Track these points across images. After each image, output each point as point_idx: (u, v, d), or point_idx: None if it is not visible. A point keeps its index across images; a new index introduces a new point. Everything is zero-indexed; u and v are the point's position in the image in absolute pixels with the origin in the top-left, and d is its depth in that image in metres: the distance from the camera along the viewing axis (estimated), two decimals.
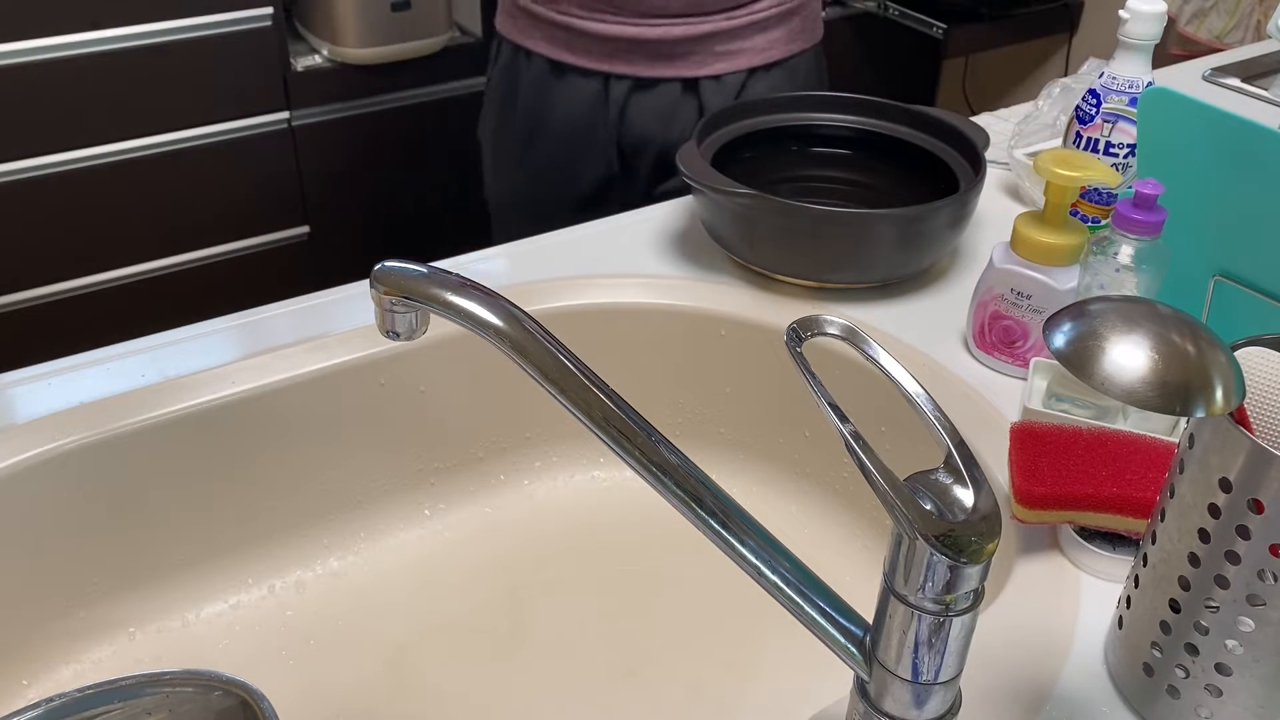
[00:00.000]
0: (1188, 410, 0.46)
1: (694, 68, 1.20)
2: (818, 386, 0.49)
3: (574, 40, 1.20)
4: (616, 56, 1.19)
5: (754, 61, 1.22)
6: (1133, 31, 0.94)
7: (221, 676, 0.60)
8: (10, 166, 1.71)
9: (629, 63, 1.19)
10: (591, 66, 1.21)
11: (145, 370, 0.79)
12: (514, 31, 1.25)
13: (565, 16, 1.19)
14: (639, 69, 1.20)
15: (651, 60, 1.19)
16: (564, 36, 1.20)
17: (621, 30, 1.18)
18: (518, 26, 1.24)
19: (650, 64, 1.19)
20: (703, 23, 1.18)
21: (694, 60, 1.19)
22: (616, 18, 1.17)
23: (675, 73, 1.19)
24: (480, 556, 0.87)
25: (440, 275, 0.52)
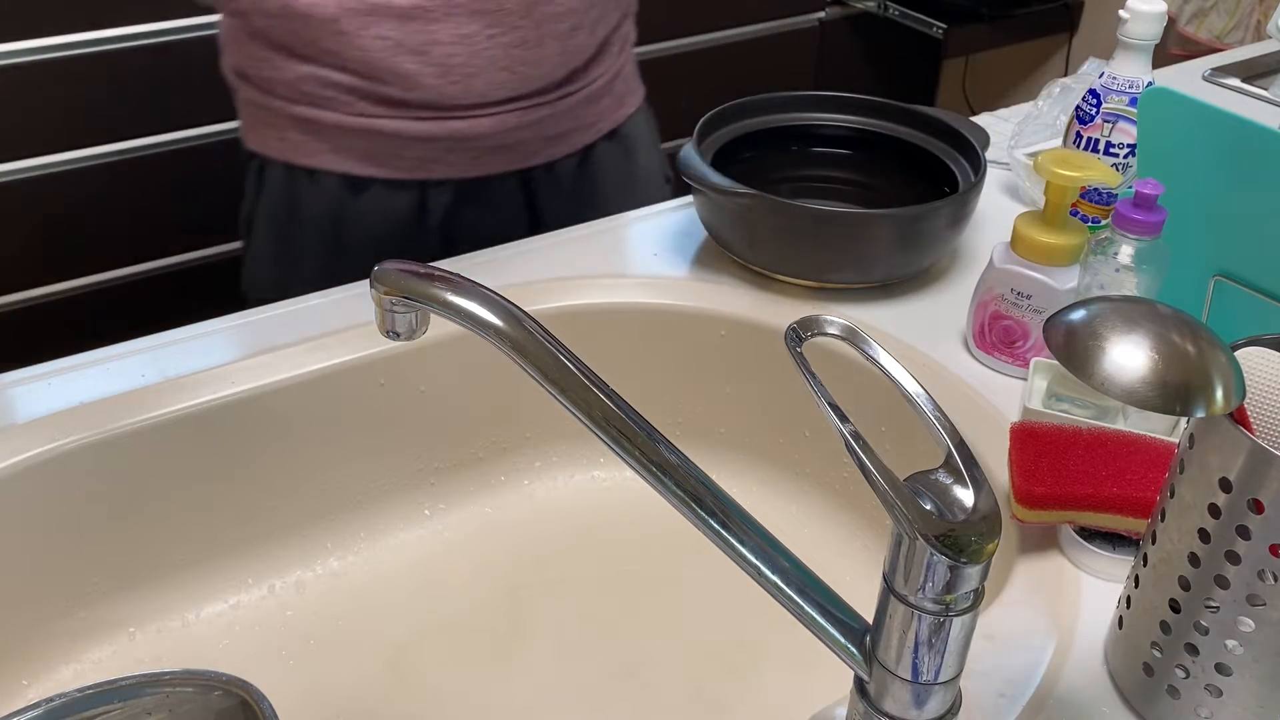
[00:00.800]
0: (1188, 410, 0.46)
1: (524, 159, 1.02)
2: (818, 386, 0.49)
3: (378, 148, 0.98)
4: (435, 160, 0.99)
5: (588, 138, 1.06)
6: (1133, 31, 0.94)
7: (221, 676, 0.60)
8: (10, 166, 1.71)
9: (450, 165, 1.00)
10: (403, 177, 1.00)
11: (145, 370, 0.79)
12: (284, 149, 1.00)
13: (364, 119, 0.96)
14: (463, 170, 1.00)
15: (477, 158, 1.00)
16: (363, 146, 0.98)
17: (441, 128, 0.97)
18: (290, 143, 0.99)
19: (475, 162, 1.00)
20: (536, 106, 1.00)
21: (524, 150, 1.02)
22: (434, 113, 0.96)
23: (504, 167, 1.02)
24: (480, 556, 0.87)
25: (440, 275, 0.52)
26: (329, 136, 0.98)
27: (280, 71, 0.96)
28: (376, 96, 0.95)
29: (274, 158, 1.01)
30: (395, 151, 0.98)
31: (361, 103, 0.96)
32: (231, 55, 1.01)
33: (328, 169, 0.99)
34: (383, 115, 0.96)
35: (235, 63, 1.01)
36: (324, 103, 0.96)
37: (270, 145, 1.01)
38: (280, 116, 0.99)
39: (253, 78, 0.99)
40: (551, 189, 1.06)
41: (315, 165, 0.99)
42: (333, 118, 0.97)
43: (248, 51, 0.98)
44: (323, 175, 1.00)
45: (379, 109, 0.96)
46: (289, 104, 0.98)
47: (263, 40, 0.96)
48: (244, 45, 0.98)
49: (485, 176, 1.01)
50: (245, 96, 1.02)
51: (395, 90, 0.95)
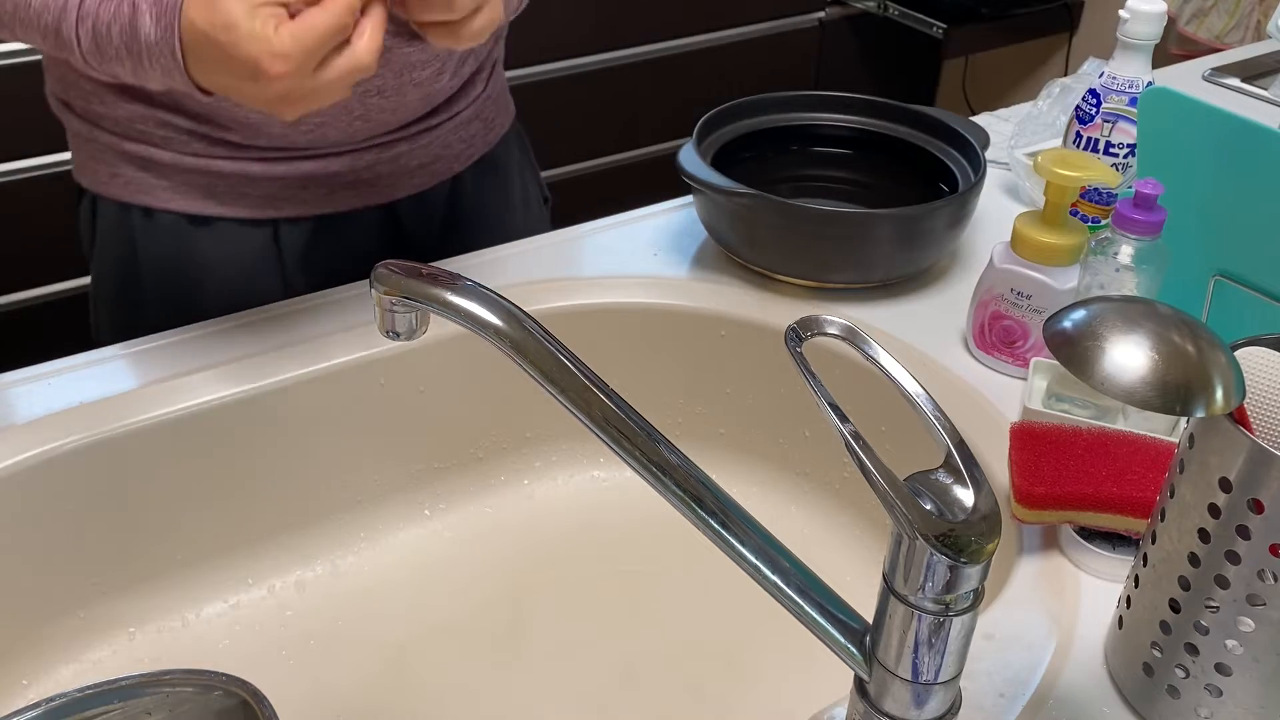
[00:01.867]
0: (1188, 410, 0.46)
1: (386, 193, 0.95)
2: (818, 386, 0.49)
3: (220, 187, 0.89)
4: (285, 198, 0.91)
5: (457, 167, 0.99)
6: (1133, 31, 0.94)
7: (221, 676, 0.60)
8: (10, 166, 1.71)
9: (303, 203, 0.91)
10: (252, 215, 0.91)
11: (144, 370, 0.79)
12: (116, 187, 0.90)
13: (203, 160, 0.88)
14: (318, 207, 0.92)
15: (331, 194, 0.92)
16: (204, 184, 0.89)
17: (289, 169, 0.89)
18: (121, 179, 0.89)
19: (331, 199, 0.92)
20: (394, 143, 0.92)
21: (384, 185, 0.94)
22: (283, 152, 0.88)
23: (364, 203, 0.94)
24: (480, 556, 0.87)
25: (440, 275, 0.52)
26: (166, 174, 0.89)
27: (109, 108, 0.87)
28: (216, 140, 0.87)
29: (106, 195, 0.91)
30: (240, 190, 0.90)
31: (199, 143, 0.87)
32: (54, 83, 0.91)
33: (166, 208, 0.90)
34: (223, 156, 0.88)
35: (58, 91, 0.91)
36: (159, 141, 0.88)
37: (101, 182, 0.91)
38: (110, 152, 0.89)
39: (78, 110, 0.89)
40: (422, 220, 0.98)
41: (152, 204, 0.90)
42: (169, 157, 0.88)
43: (71, 81, 0.88)
44: (161, 214, 0.90)
45: (219, 150, 0.88)
46: (119, 140, 0.88)
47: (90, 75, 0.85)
48: (67, 75, 0.88)
49: (345, 212, 0.93)
50: (71, 128, 0.92)
51: (236, 136, 0.87)
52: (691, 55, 2.25)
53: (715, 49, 2.27)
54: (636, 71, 2.18)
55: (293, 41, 0.64)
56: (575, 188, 2.19)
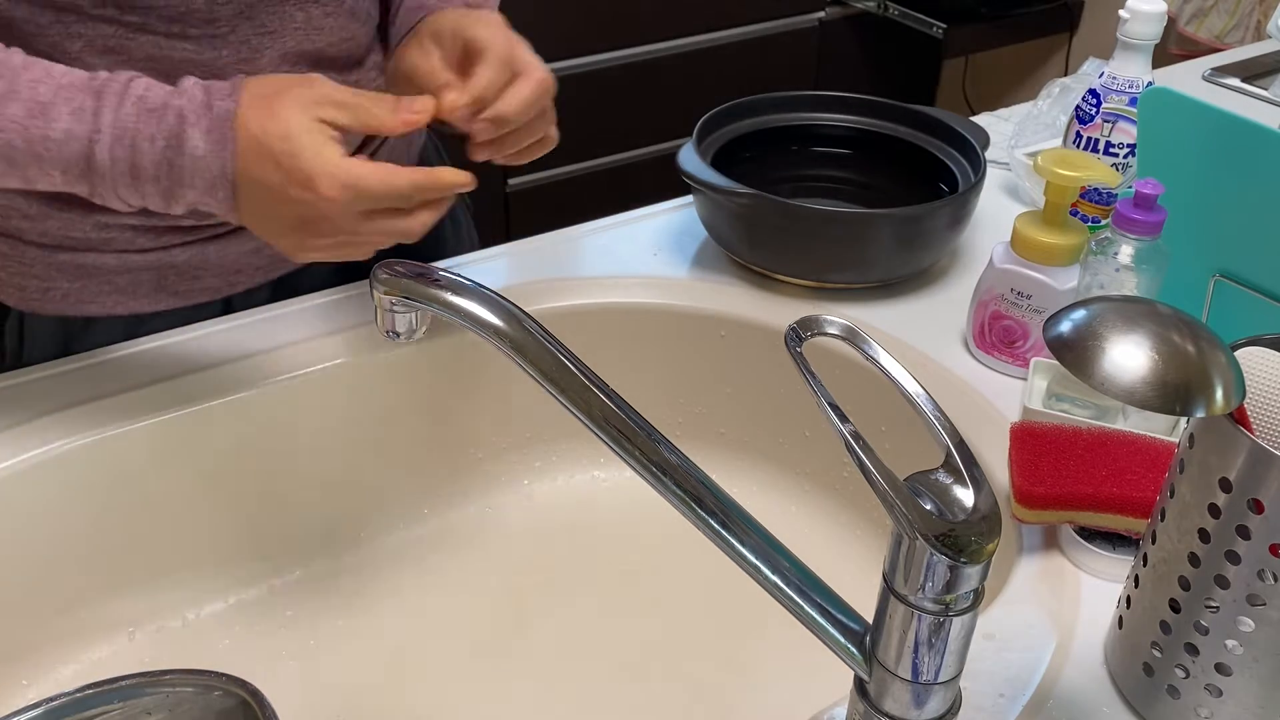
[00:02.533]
0: (1188, 410, 0.46)
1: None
2: (818, 386, 0.49)
3: (171, 277, 0.82)
4: (240, 270, 0.85)
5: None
6: (1133, 31, 0.94)
7: (221, 676, 0.60)
8: None
9: (256, 271, 0.86)
10: (206, 300, 0.85)
11: (143, 371, 0.79)
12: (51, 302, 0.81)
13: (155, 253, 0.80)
14: (269, 273, 0.87)
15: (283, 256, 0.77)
16: (153, 279, 0.82)
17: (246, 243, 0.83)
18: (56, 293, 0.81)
19: (282, 261, 0.86)
20: None
21: None
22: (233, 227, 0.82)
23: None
24: (480, 557, 0.87)
25: (440, 275, 0.52)
26: (109, 278, 0.81)
27: (35, 221, 0.78)
28: (165, 229, 0.80)
29: (39, 312, 0.82)
30: (192, 274, 0.83)
31: (145, 237, 0.80)
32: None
33: (111, 313, 0.82)
34: (176, 244, 0.81)
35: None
36: (98, 245, 0.79)
37: (32, 299, 0.81)
38: (39, 265, 0.80)
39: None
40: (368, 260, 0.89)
41: (95, 312, 0.82)
42: (112, 260, 0.80)
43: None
44: (104, 321, 0.82)
45: (170, 238, 0.80)
46: (50, 252, 0.79)
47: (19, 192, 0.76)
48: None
49: (296, 270, 0.88)
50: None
51: (192, 219, 0.80)
52: (691, 55, 2.25)
53: (715, 49, 2.27)
54: (636, 71, 2.18)
55: (357, 175, 0.64)
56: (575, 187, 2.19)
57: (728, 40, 2.28)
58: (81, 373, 0.79)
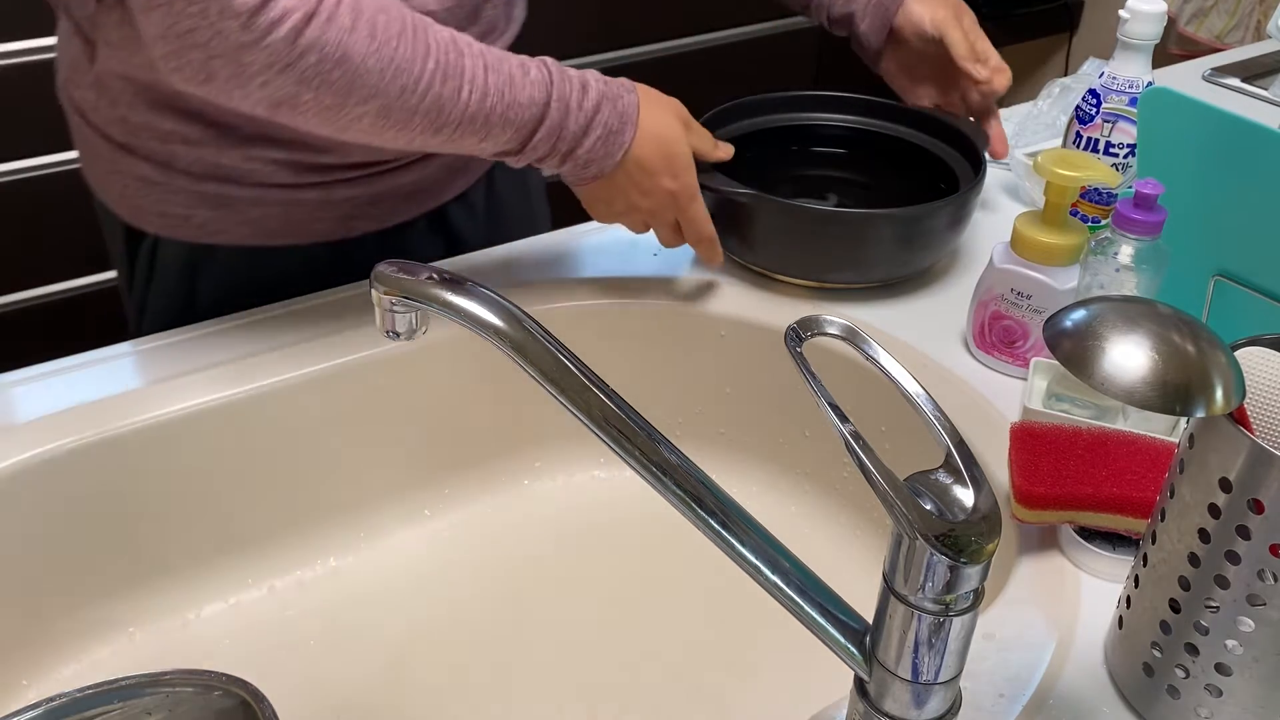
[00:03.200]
0: (1188, 410, 0.46)
1: (438, 197, 0.96)
2: (818, 386, 0.49)
3: (295, 215, 0.89)
4: (357, 216, 0.91)
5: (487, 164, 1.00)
6: (1133, 31, 0.94)
7: (221, 676, 0.60)
8: (10, 166, 1.71)
9: (370, 219, 0.92)
10: (320, 240, 0.91)
11: (145, 370, 0.79)
12: (189, 229, 0.88)
13: (284, 190, 0.87)
14: (382, 221, 0.93)
15: (394, 207, 0.93)
16: (280, 214, 0.88)
17: (369, 188, 0.90)
18: (195, 221, 0.87)
19: (394, 211, 0.93)
20: None
21: (436, 190, 0.96)
22: (367, 169, 0.89)
23: (421, 210, 0.95)
24: (480, 556, 0.87)
25: (440, 275, 0.52)
26: (243, 210, 0.87)
27: (191, 146, 0.84)
28: (305, 165, 0.86)
29: (176, 238, 0.88)
30: (315, 215, 0.89)
31: (285, 173, 0.86)
32: (110, 124, 0.85)
33: (239, 244, 0.89)
34: (308, 184, 0.87)
35: (117, 132, 0.85)
36: (240, 177, 0.85)
37: (171, 226, 0.88)
38: (184, 194, 0.86)
39: (146, 154, 0.85)
40: (467, 220, 1.01)
41: (224, 241, 0.88)
42: (250, 193, 0.86)
43: (140, 123, 0.83)
44: (231, 250, 0.89)
45: (306, 176, 0.87)
46: (196, 181, 0.85)
47: (167, 109, 0.82)
48: (135, 112, 0.83)
49: (405, 222, 0.95)
50: (134, 173, 0.86)
51: (330, 157, 0.86)
52: (691, 55, 2.24)
53: (715, 49, 2.27)
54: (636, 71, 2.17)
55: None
56: None
57: (728, 40, 2.28)
58: (82, 372, 0.79)
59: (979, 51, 0.98)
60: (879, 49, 1.01)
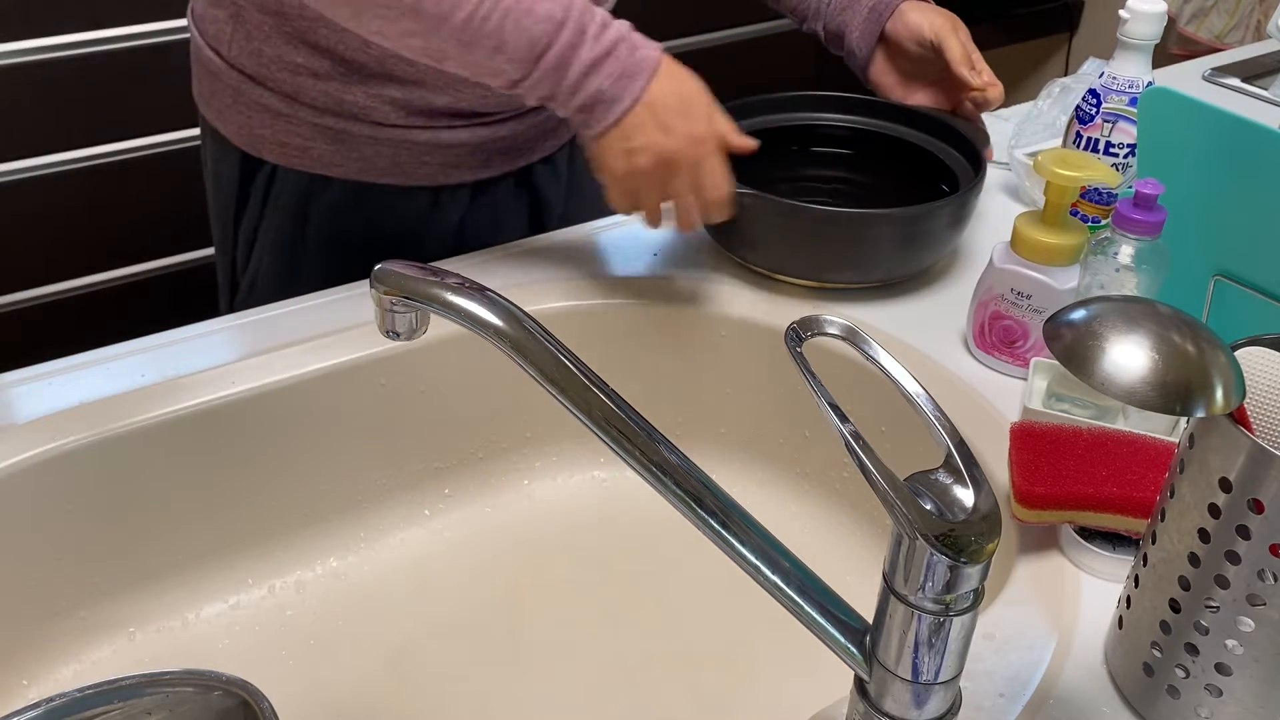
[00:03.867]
0: (1188, 410, 0.46)
1: (526, 155, 1.01)
2: (818, 386, 0.49)
3: (402, 156, 0.94)
4: (454, 165, 0.97)
5: (573, 129, 1.02)
6: (1133, 31, 0.94)
7: (221, 676, 0.60)
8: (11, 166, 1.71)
9: (464, 170, 0.97)
10: (421, 184, 0.97)
11: (145, 370, 0.79)
12: (307, 160, 0.94)
13: (398, 130, 0.93)
14: (475, 173, 0.98)
15: (487, 160, 0.98)
16: (390, 154, 0.94)
17: (470, 135, 0.95)
18: (313, 153, 0.93)
19: (486, 164, 0.98)
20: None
21: (526, 149, 1.01)
22: (468, 121, 0.94)
23: (509, 166, 1.00)
24: (480, 556, 0.87)
25: (440, 275, 0.52)
26: (358, 146, 0.93)
27: (319, 81, 0.90)
28: (419, 108, 0.92)
29: (294, 168, 0.95)
30: (420, 158, 0.94)
31: (399, 113, 0.92)
32: (243, 56, 0.92)
33: (352, 178, 0.95)
34: (418, 126, 0.93)
35: (249, 65, 0.92)
36: (358, 113, 0.91)
37: (292, 155, 0.94)
38: (307, 126, 0.92)
39: (274, 86, 0.92)
40: (551, 181, 1.05)
41: (337, 174, 0.94)
42: (366, 129, 0.92)
43: (275, 54, 0.90)
44: (336, 183, 0.95)
45: (416, 119, 0.92)
46: (318, 114, 0.92)
47: (300, 43, 0.89)
48: (269, 44, 0.90)
49: (493, 178, 0.99)
50: (262, 103, 0.93)
51: (446, 98, 0.91)
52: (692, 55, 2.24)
53: (715, 49, 2.27)
54: None
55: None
56: None
57: (728, 40, 2.28)
58: (83, 371, 0.79)
59: (974, 61, 0.99)
60: (869, 54, 1.02)
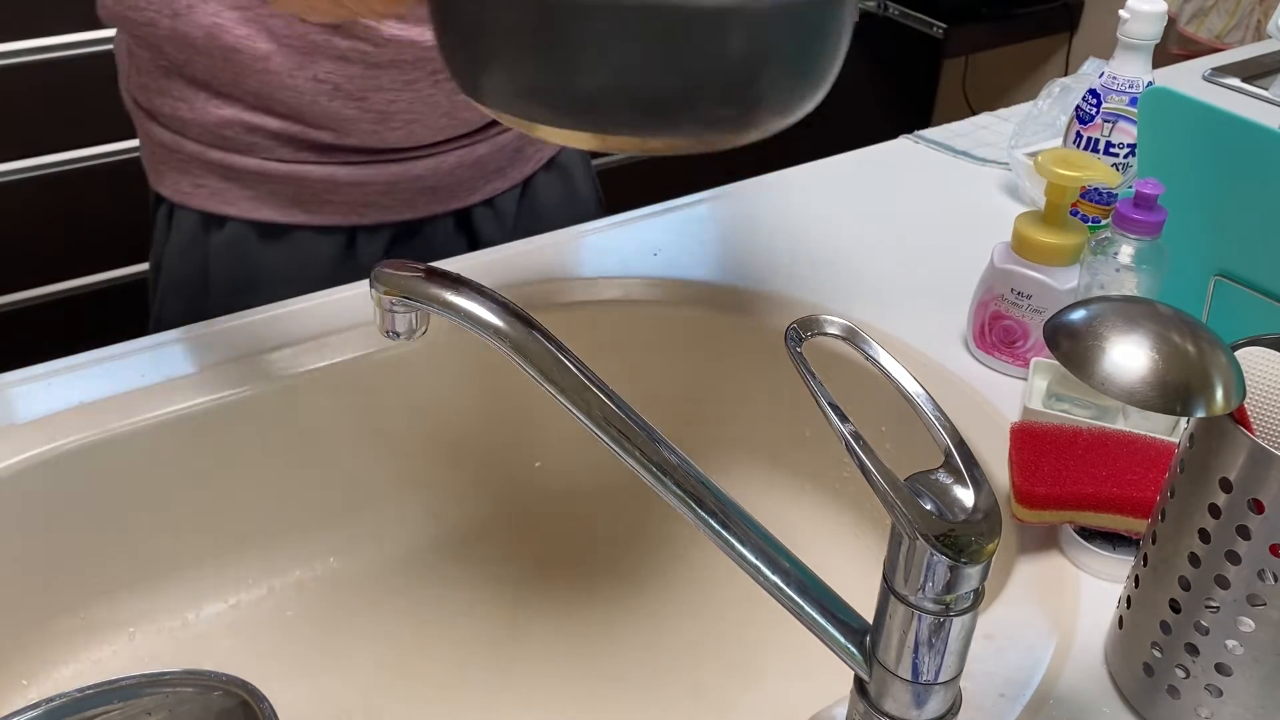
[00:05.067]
0: (1188, 410, 0.46)
1: (463, 197, 0.95)
2: (818, 386, 0.49)
3: (303, 194, 0.89)
4: (369, 204, 0.90)
5: (528, 170, 0.99)
6: (1133, 31, 0.94)
7: (221, 676, 0.60)
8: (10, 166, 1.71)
9: (384, 209, 0.91)
10: (331, 223, 0.90)
11: (145, 370, 0.79)
12: (198, 197, 0.89)
13: (289, 165, 0.87)
14: (398, 213, 0.92)
15: (411, 200, 0.92)
16: (288, 192, 0.88)
17: (375, 172, 0.89)
18: (205, 190, 0.89)
19: (410, 204, 0.92)
20: (476, 144, 0.93)
21: (463, 190, 0.94)
22: (367, 157, 0.88)
23: (442, 208, 0.94)
24: (480, 556, 0.87)
25: (440, 275, 0.52)
26: (250, 183, 0.88)
27: (197, 113, 0.87)
28: (305, 142, 0.87)
29: (188, 206, 0.91)
30: (323, 197, 0.89)
31: (285, 148, 0.87)
32: (136, 89, 0.90)
33: (247, 217, 0.90)
34: (310, 161, 0.88)
35: (141, 98, 0.90)
36: (245, 148, 0.87)
37: (184, 192, 0.90)
38: (195, 162, 0.89)
39: (161, 116, 0.89)
40: (493, 225, 0.99)
41: (233, 214, 0.90)
42: (254, 163, 0.88)
43: (157, 87, 0.88)
44: (239, 224, 0.90)
45: (306, 154, 0.87)
46: (205, 149, 0.88)
47: (177, 76, 0.86)
48: (152, 79, 0.88)
49: (422, 218, 0.93)
50: (152, 135, 0.90)
51: (327, 136, 0.87)
52: None
53: None
54: None
55: None
56: None
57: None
58: (82, 372, 0.79)
59: None
60: None
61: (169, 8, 0.82)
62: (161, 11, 0.83)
